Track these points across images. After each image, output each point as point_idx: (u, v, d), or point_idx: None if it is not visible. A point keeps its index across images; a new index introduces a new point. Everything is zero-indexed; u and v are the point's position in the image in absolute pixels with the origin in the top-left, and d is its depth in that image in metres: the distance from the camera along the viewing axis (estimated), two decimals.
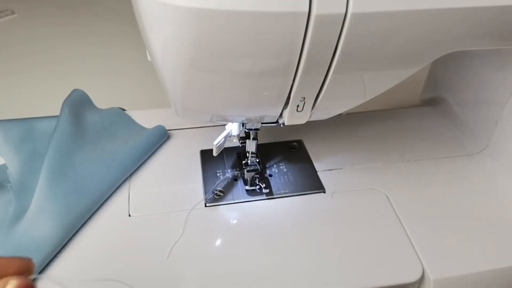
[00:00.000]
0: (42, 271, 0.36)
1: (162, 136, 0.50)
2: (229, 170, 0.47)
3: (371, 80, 0.33)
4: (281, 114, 0.36)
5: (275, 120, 0.38)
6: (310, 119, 0.36)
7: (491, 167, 0.49)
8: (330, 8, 0.25)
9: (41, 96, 0.74)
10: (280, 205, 0.43)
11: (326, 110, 0.37)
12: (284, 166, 0.48)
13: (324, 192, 0.45)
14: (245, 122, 0.40)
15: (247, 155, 0.44)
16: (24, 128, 0.49)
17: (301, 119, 0.35)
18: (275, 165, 0.48)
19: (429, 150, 0.51)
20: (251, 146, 0.44)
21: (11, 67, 0.84)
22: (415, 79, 0.46)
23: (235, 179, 0.46)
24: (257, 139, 0.43)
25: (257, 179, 0.45)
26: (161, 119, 0.53)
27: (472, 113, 0.53)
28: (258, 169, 0.45)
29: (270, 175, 0.47)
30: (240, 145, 0.44)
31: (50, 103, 0.72)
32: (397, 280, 0.37)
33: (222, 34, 0.25)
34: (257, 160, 0.45)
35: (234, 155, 0.49)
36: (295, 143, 0.51)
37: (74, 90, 0.52)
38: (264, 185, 0.45)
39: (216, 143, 0.39)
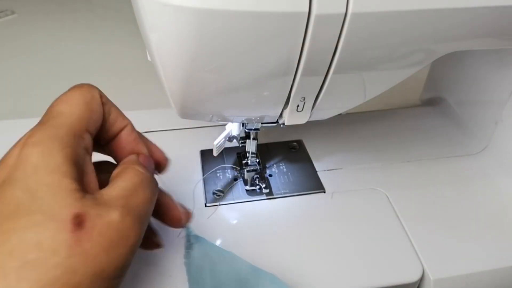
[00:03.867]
0: None
1: None
2: (229, 170, 0.47)
3: (371, 80, 0.33)
4: (281, 114, 0.36)
5: (275, 120, 0.38)
6: (310, 119, 0.36)
7: (491, 167, 0.49)
8: (330, 8, 0.25)
9: (41, 96, 0.74)
10: (280, 205, 0.43)
11: (326, 110, 0.37)
12: (284, 166, 0.48)
13: (324, 192, 0.45)
14: (245, 122, 0.40)
15: (247, 155, 0.44)
16: None
17: (301, 119, 0.35)
18: (275, 165, 0.48)
19: (429, 150, 0.51)
20: (251, 146, 0.44)
21: (11, 67, 0.83)
22: (415, 79, 0.46)
23: (235, 179, 0.46)
24: (257, 139, 0.43)
25: (257, 179, 0.45)
26: (161, 119, 0.53)
27: (472, 113, 0.53)
28: (258, 169, 0.45)
29: (270, 175, 0.47)
30: (240, 145, 0.44)
31: (50, 103, 0.72)
32: (397, 280, 0.37)
33: (222, 34, 0.25)
34: (257, 160, 0.45)
35: (234, 155, 0.49)
36: (295, 143, 0.51)
37: None
38: (264, 185, 0.45)
39: (216, 143, 0.39)
